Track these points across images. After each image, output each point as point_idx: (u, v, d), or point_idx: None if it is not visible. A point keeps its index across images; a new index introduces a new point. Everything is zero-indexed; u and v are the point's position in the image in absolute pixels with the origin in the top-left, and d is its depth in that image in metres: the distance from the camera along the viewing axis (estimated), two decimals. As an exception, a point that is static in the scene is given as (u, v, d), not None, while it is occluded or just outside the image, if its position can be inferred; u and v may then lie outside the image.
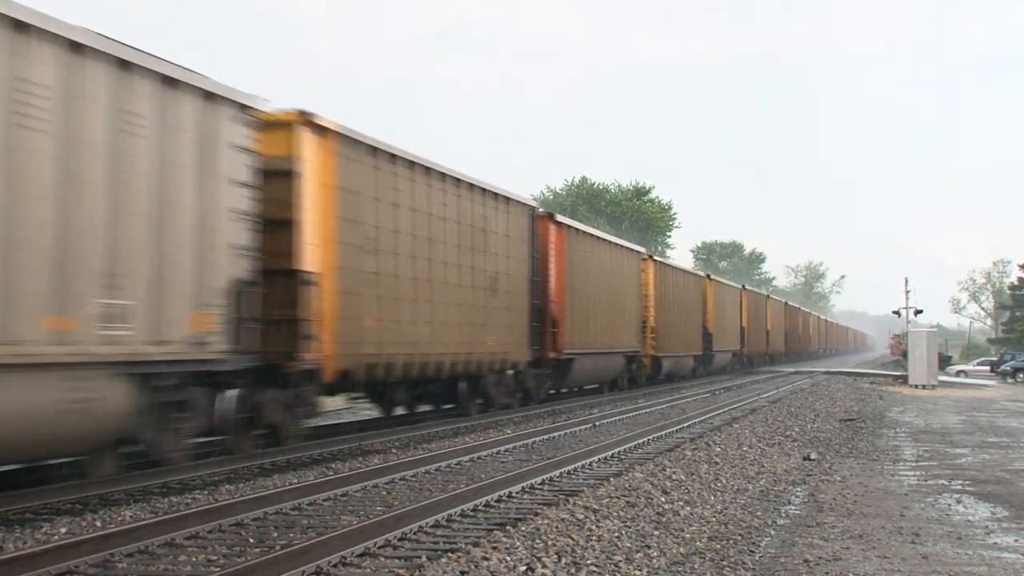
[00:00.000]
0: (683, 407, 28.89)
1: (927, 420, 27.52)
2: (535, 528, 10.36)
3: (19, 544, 9.78)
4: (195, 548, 9.63)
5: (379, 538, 9.64)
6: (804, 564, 9.39)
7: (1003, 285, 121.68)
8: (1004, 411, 32.13)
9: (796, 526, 11.37)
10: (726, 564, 9.27)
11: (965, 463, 17.83)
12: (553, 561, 8.94)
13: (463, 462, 15.91)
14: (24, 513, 11.18)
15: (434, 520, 10.68)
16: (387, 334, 18.72)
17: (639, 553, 9.53)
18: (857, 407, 31.50)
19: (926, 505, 13.08)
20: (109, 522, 10.92)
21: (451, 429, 20.91)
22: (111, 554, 9.07)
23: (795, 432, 22.02)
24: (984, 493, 14.23)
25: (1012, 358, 63.39)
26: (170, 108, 13.04)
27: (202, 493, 12.90)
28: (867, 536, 10.84)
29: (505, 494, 12.50)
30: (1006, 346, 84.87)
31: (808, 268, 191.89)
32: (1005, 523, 11.93)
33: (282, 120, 16.32)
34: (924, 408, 32.49)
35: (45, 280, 11.08)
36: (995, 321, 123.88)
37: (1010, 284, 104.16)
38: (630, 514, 11.44)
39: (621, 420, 24.22)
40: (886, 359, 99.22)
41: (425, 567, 8.64)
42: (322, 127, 16.86)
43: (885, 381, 50.47)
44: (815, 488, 14.27)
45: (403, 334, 19.31)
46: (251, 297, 14.55)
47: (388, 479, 13.87)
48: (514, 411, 25.28)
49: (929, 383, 46.03)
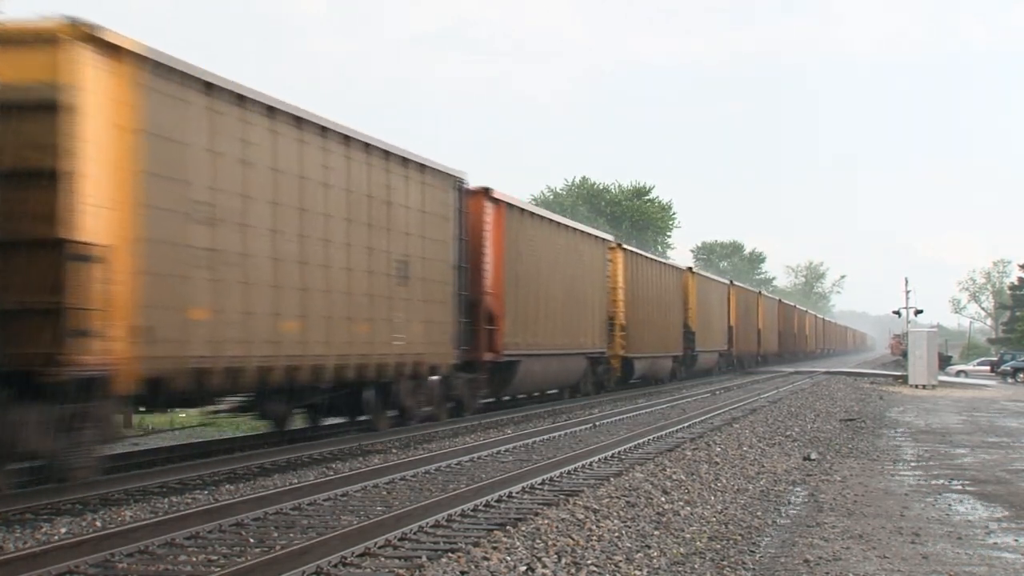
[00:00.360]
0: (683, 407, 28.89)
1: (927, 420, 27.51)
2: (535, 528, 10.35)
3: (19, 544, 9.78)
4: (195, 548, 9.62)
5: (379, 538, 9.64)
6: (804, 564, 9.39)
7: (1003, 285, 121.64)
8: (1004, 411, 32.12)
9: (796, 526, 11.37)
10: (726, 564, 9.27)
11: (965, 463, 17.82)
12: (553, 561, 8.94)
13: (463, 462, 15.91)
14: (24, 513, 11.18)
15: (434, 520, 10.68)
16: (230, 330, 14.43)
17: (639, 553, 9.53)
18: (857, 407, 31.49)
19: (926, 505, 13.07)
20: (109, 522, 10.92)
21: (451, 429, 20.90)
22: (111, 554, 9.07)
23: (795, 432, 22.02)
24: (984, 493, 14.22)
25: (1012, 358, 63.38)
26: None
27: (202, 493, 12.90)
28: (867, 536, 10.83)
29: (505, 494, 12.50)
30: (1006, 346, 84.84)
31: (808, 268, 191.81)
32: (1005, 523, 11.93)
33: (42, 32, 11.92)
34: (924, 408, 32.47)
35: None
36: (995, 321, 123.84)
37: (1010, 284, 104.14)
38: (630, 514, 11.43)
39: (621, 420, 24.21)
40: (886, 359, 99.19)
41: (425, 567, 8.64)
42: (115, 46, 12.44)
43: (885, 381, 50.46)
44: (815, 488, 14.27)
45: (257, 331, 15.00)
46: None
47: (388, 479, 13.86)
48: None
49: (929, 383, 46.01)
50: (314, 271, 16.32)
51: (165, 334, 13.17)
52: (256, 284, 15.00)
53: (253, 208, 14.94)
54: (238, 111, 14.69)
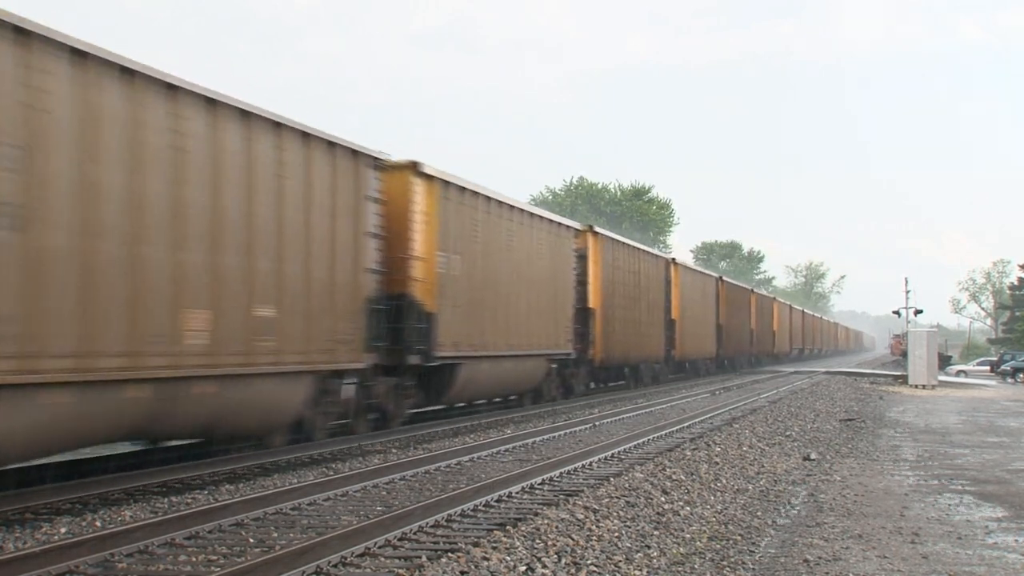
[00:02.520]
0: (682, 407, 28.88)
1: (927, 420, 27.52)
2: (535, 528, 10.36)
3: (19, 544, 9.78)
4: (195, 548, 9.63)
5: (379, 538, 9.64)
6: (804, 564, 9.39)
7: (1003, 285, 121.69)
8: (1004, 411, 32.12)
9: (796, 526, 11.38)
10: (726, 564, 9.28)
11: (965, 463, 17.83)
12: (553, 561, 8.94)
13: (463, 462, 15.91)
14: (24, 513, 11.19)
15: (434, 520, 10.68)
16: None
17: (639, 553, 9.53)
18: (857, 407, 31.49)
19: (926, 505, 13.08)
20: (109, 522, 10.92)
21: (451, 429, 20.89)
22: (111, 554, 9.08)
23: (795, 432, 22.02)
24: (984, 493, 14.23)
25: (1012, 358, 63.41)
26: None
27: (202, 493, 12.90)
28: (867, 536, 10.84)
29: (505, 494, 12.50)
30: (1006, 346, 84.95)
31: (808, 268, 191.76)
32: (1005, 523, 11.93)
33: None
34: (924, 408, 32.48)
35: None
36: (995, 321, 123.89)
37: (1010, 284, 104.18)
38: (630, 514, 11.43)
39: (621, 420, 24.20)
40: (886, 359, 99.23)
41: (425, 567, 8.64)
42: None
43: (885, 381, 50.45)
44: (815, 488, 14.27)
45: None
46: None
47: (388, 479, 13.87)
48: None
49: (929, 383, 46.02)
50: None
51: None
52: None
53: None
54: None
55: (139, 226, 12.69)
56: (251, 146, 14.84)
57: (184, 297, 13.39)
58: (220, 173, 14.17)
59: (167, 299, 13.10)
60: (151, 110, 12.98)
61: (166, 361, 12.99)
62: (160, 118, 13.10)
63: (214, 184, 14.06)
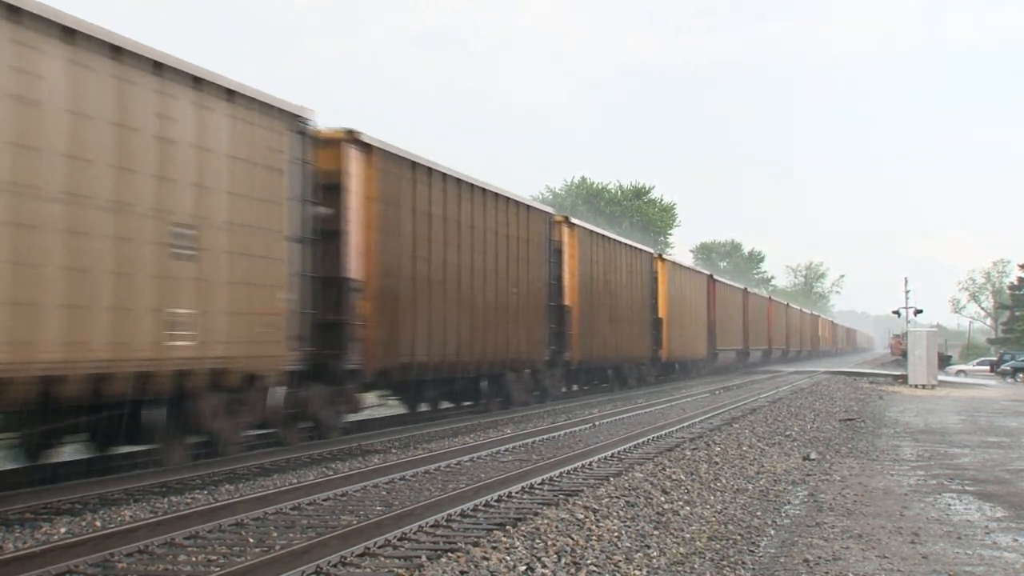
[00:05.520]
0: (682, 407, 28.89)
1: (927, 420, 27.51)
2: (535, 528, 10.36)
3: (19, 544, 9.78)
4: (195, 548, 9.62)
5: (379, 538, 9.64)
6: (804, 564, 9.39)
7: (1003, 285, 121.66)
8: (1004, 411, 32.12)
9: (796, 526, 11.37)
10: (726, 564, 9.28)
11: (965, 463, 17.83)
12: (553, 561, 8.94)
13: (463, 462, 15.91)
14: (24, 513, 11.19)
15: (434, 520, 10.68)
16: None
17: (639, 553, 9.53)
18: (857, 407, 31.49)
19: (926, 505, 13.08)
20: (109, 522, 10.92)
21: (451, 429, 20.88)
22: (111, 554, 9.07)
23: (795, 432, 22.02)
24: (984, 493, 14.22)
25: (1012, 358, 63.45)
26: None
27: (202, 493, 12.90)
28: (867, 536, 10.84)
29: (505, 494, 12.50)
30: (1006, 346, 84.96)
31: (808, 268, 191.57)
32: (1005, 523, 11.93)
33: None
34: (924, 408, 32.47)
35: None
36: (995, 321, 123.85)
37: (1010, 284, 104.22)
38: (630, 514, 11.43)
39: (621, 420, 24.20)
40: (886, 359, 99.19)
41: (425, 567, 8.64)
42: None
43: (885, 381, 50.45)
44: (815, 488, 14.27)
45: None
46: None
47: (388, 479, 13.87)
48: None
49: (929, 383, 46.01)
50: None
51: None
52: None
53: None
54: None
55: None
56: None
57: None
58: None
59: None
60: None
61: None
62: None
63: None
